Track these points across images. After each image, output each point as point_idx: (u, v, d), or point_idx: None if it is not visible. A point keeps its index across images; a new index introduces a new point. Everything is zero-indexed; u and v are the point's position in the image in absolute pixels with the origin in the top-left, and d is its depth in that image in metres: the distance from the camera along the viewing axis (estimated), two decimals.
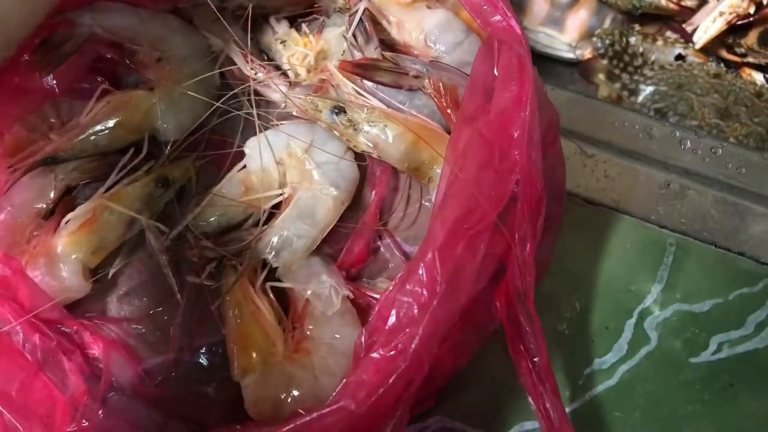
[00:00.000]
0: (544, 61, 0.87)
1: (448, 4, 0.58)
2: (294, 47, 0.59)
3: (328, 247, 0.55)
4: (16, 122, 0.54)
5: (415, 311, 0.43)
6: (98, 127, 0.56)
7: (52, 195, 0.56)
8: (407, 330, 0.42)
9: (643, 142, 0.60)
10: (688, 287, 0.54)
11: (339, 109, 0.54)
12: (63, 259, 0.53)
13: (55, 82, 0.55)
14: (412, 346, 0.41)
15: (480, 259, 0.44)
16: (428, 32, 0.57)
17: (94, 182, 0.57)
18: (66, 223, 0.54)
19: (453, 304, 0.43)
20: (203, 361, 0.53)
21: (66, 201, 0.57)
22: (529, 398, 0.45)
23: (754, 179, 0.58)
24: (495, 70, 0.50)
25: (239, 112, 0.57)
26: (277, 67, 0.59)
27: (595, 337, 0.53)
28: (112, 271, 0.55)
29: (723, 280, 0.54)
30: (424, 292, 0.43)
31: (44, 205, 0.56)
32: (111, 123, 0.56)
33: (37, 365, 0.50)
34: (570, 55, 0.86)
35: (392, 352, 0.42)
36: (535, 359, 0.46)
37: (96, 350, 0.53)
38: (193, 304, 0.54)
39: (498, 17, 0.49)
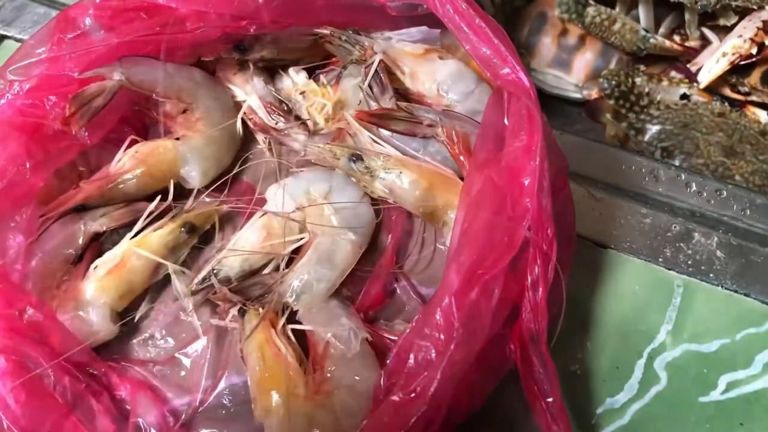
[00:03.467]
0: (552, 101, 0.89)
1: (459, 55, 0.61)
2: (313, 97, 0.61)
3: (347, 290, 0.57)
4: (50, 173, 0.56)
5: (433, 355, 0.44)
6: (126, 176, 0.58)
7: (80, 241, 0.58)
8: (425, 373, 0.43)
9: (650, 185, 0.61)
10: (696, 328, 0.56)
11: (356, 157, 0.56)
12: (92, 303, 0.55)
13: (86, 134, 0.57)
14: (431, 389, 0.43)
15: (495, 303, 0.45)
16: (441, 82, 0.59)
17: (121, 228, 0.59)
18: (95, 268, 0.56)
19: (469, 347, 0.45)
20: (226, 401, 0.54)
21: (93, 247, 0.59)
22: None
23: (758, 220, 0.59)
24: (505, 119, 0.52)
25: (261, 161, 0.59)
26: (297, 117, 0.62)
27: (607, 377, 0.55)
28: (138, 315, 0.57)
29: (730, 321, 0.56)
30: (442, 336, 0.44)
31: (73, 251, 0.58)
32: (138, 172, 0.58)
33: (67, 407, 0.51)
34: (577, 96, 0.88)
35: (412, 395, 0.43)
36: (548, 399, 0.47)
37: (123, 391, 0.55)
38: (217, 345, 0.56)
39: (507, 70, 0.51)
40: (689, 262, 0.58)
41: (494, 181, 0.49)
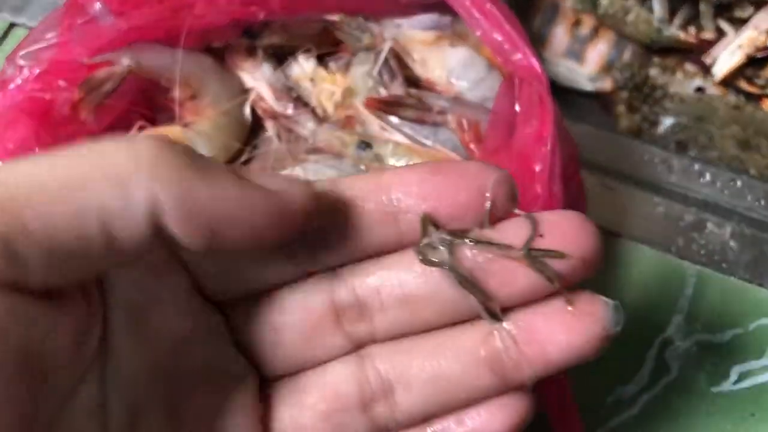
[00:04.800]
0: (565, 93, 0.88)
1: (470, 42, 0.60)
2: (322, 84, 0.61)
3: None
4: None
5: None
6: None
7: None
8: None
9: (663, 175, 0.61)
10: (708, 318, 0.55)
11: (365, 144, 0.56)
12: None
13: (95, 119, 0.57)
14: None
15: None
16: (451, 69, 0.59)
17: None
18: None
19: None
20: None
21: None
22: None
23: None
24: (516, 106, 0.52)
25: (269, 148, 0.59)
26: (306, 104, 0.61)
27: (617, 366, 0.54)
28: None
29: (742, 311, 0.55)
30: None
31: None
32: None
33: None
34: (590, 88, 0.87)
35: None
36: (560, 393, 0.47)
37: None
38: None
39: (519, 56, 0.51)
40: (702, 252, 0.57)
41: (505, 167, 0.49)
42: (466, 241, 0.28)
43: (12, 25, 0.74)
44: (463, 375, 0.29)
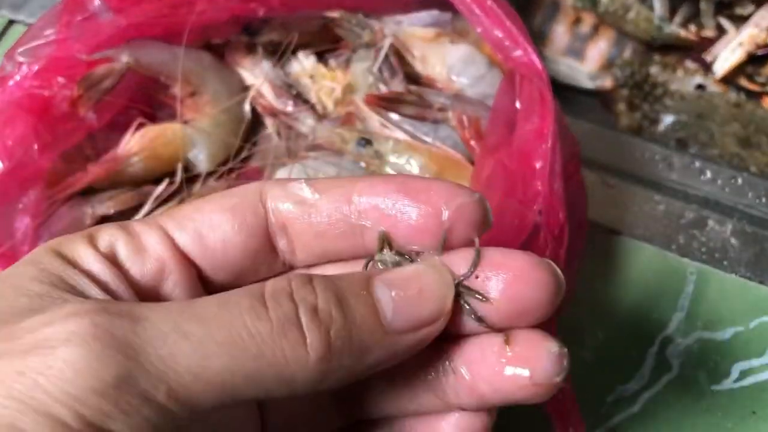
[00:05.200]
0: (565, 91, 0.88)
1: (470, 39, 0.60)
2: (321, 81, 0.61)
3: None
4: (57, 156, 0.56)
5: None
6: (134, 159, 0.58)
7: (87, 224, 0.58)
8: None
9: (664, 172, 0.61)
10: (709, 316, 0.55)
11: (365, 141, 0.56)
12: None
13: (94, 116, 0.57)
14: None
15: None
16: (451, 66, 0.58)
17: (128, 212, 0.59)
18: None
19: None
20: None
21: None
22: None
23: None
24: (517, 103, 0.52)
25: (269, 145, 0.59)
26: (306, 101, 0.61)
27: (618, 365, 0.54)
28: None
29: (743, 309, 0.55)
30: None
31: None
32: (146, 155, 0.58)
33: None
34: (590, 85, 0.87)
35: None
36: (560, 391, 0.47)
37: None
38: None
39: (519, 52, 0.51)
40: (703, 250, 0.57)
41: (505, 164, 0.49)
42: (410, 262, 0.28)
43: (11, 22, 0.73)
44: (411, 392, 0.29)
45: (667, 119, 0.82)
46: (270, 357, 0.23)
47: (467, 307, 0.27)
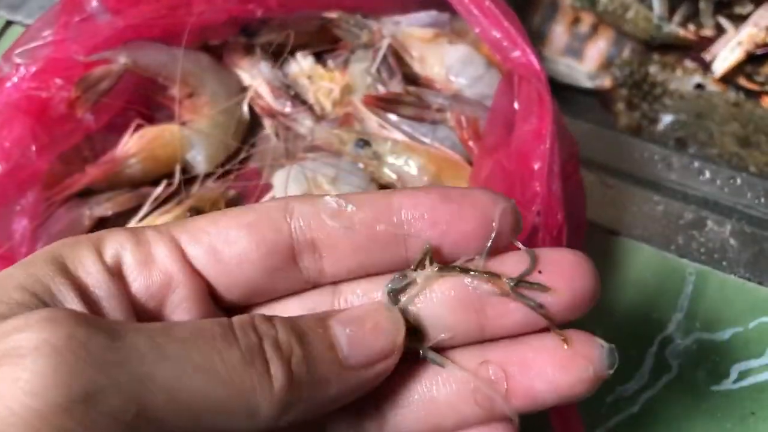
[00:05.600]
0: (564, 91, 0.88)
1: (468, 40, 0.60)
2: (320, 82, 0.61)
3: None
4: (55, 157, 0.56)
5: None
6: (132, 160, 0.58)
7: (85, 224, 0.58)
8: None
9: (663, 173, 0.61)
10: (708, 316, 0.55)
11: (364, 142, 0.56)
12: None
13: (92, 118, 0.57)
14: None
15: None
16: (450, 66, 0.58)
17: (126, 213, 0.58)
18: None
19: None
20: None
21: None
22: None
23: None
24: (515, 104, 0.51)
25: (267, 146, 0.59)
26: (304, 102, 0.61)
27: (618, 365, 0.54)
28: None
29: (742, 309, 0.55)
30: None
31: None
32: (144, 156, 0.58)
33: None
34: (589, 85, 0.87)
35: None
36: None
37: None
38: None
39: (518, 53, 0.50)
40: (702, 250, 0.57)
41: (503, 165, 0.49)
42: (457, 269, 0.29)
43: (8, 23, 0.73)
44: (451, 407, 0.29)
45: (666, 119, 0.82)
46: (239, 384, 0.24)
47: (531, 304, 0.28)
